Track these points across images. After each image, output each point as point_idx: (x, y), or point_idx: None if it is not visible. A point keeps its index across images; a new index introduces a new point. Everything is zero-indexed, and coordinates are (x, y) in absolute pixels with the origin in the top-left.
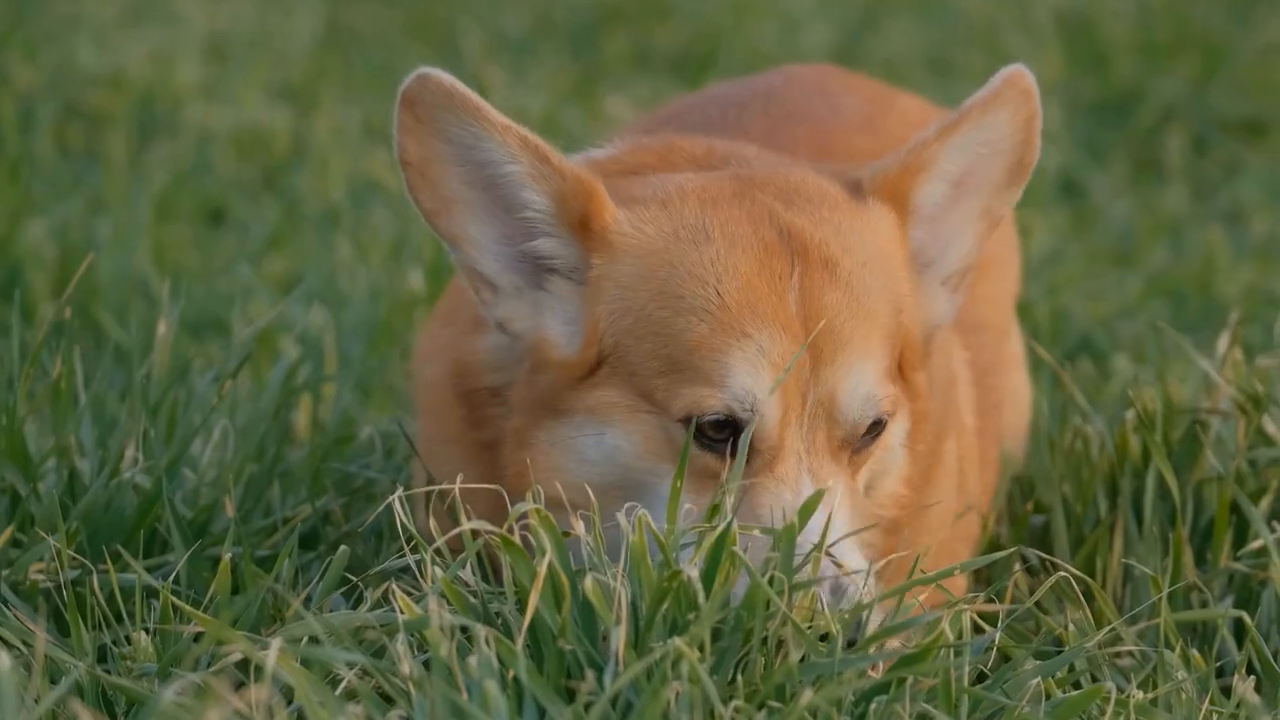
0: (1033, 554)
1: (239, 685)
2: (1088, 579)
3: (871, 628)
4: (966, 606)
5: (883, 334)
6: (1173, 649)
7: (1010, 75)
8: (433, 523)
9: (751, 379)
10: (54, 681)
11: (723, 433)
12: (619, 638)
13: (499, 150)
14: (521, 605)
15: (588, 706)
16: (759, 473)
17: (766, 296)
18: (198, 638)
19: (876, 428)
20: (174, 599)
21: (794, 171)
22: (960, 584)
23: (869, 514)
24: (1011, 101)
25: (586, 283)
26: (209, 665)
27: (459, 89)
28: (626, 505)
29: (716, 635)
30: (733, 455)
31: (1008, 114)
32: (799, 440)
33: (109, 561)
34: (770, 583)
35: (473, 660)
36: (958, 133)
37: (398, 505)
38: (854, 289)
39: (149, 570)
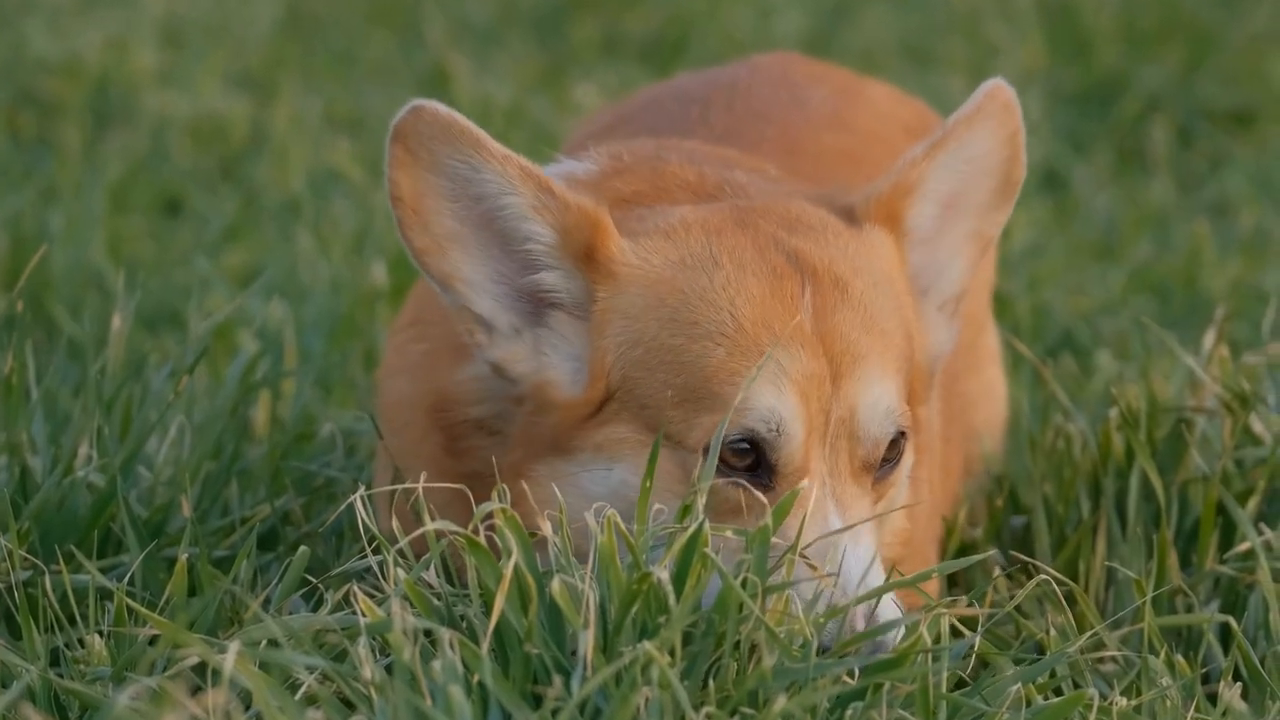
0: (1013, 556)
1: (195, 690)
2: (1069, 582)
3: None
4: (945, 610)
5: (896, 353)
6: (1157, 654)
7: (991, 90)
8: (395, 523)
9: (774, 398)
10: (5, 686)
11: (745, 460)
12: (587, 641)
13: (498, 181)
14: (487, 608)
15: (555, 712)
16: (783, 496)
17: (781, 316)
18: (153, 641)
19: (895, 449)
20: (129, 601)
21: (792, 202)
22: (933, 586)
23: (882, 556)
24: (994, 116)
25: (591, 316)
26: (165, 669)
27: (458, 119)
28: (595, 505)
29: (688, 639)
30: (759, 485)
31: (991, 129)
32: (822, 462)
33: (62, 562)
34: (743, 585)
35: (436, 665)
36: (944, 150)
37: (359, 505)
38: (867, 307)
39: (103, 571)
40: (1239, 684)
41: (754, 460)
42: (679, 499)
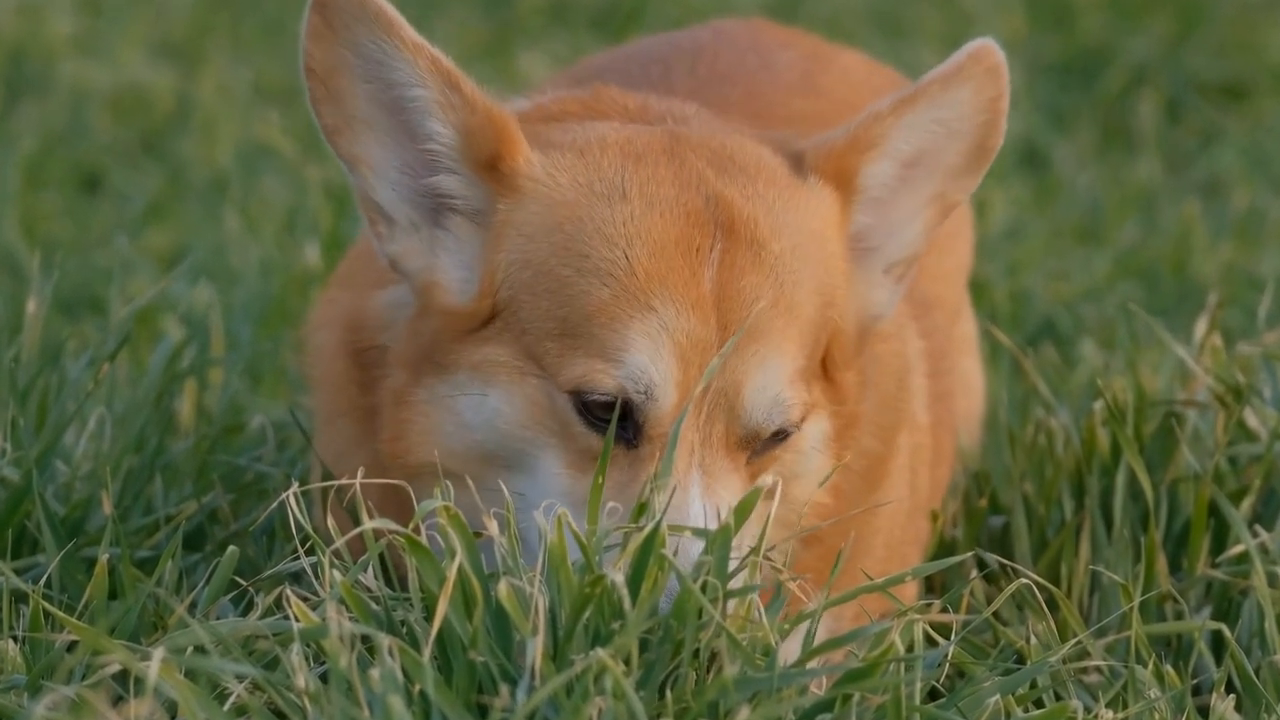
0: (991, 559)
1: (117, 700)
2: (1051, 587)
3: (816, 639)
4: (918, 616)
5: (803, 330)
6: (1145, 664)
7: (977, 50)
8: (331, 521)
9: (649, 357)
10: None
11: (611, 412)
12: (536, 648)
13: (408, 71)
14: (429, 612)
15: None
16: (647, 458)
17: (679, 269)
18: (72, 647)
19: (781, 435)
20: (45, 604)
21: (732, 137)
22: (910, 591)
23: (782, 521)
24: (975, 79)
25: (490, 228)
26: (84, 677)
27: None
28: (545, 504)
29: (644, 646)
30: (625, 441)
31: (970, 92)
32: (694, 430)
33: None
34: (703, 589)
35: (375, 673)
36: (914, 109)
37: (292, 502)
38: (779, 275)
39: (17, 572)
40: (1232, 696)
41: (622, 412)
42: (548, 433)
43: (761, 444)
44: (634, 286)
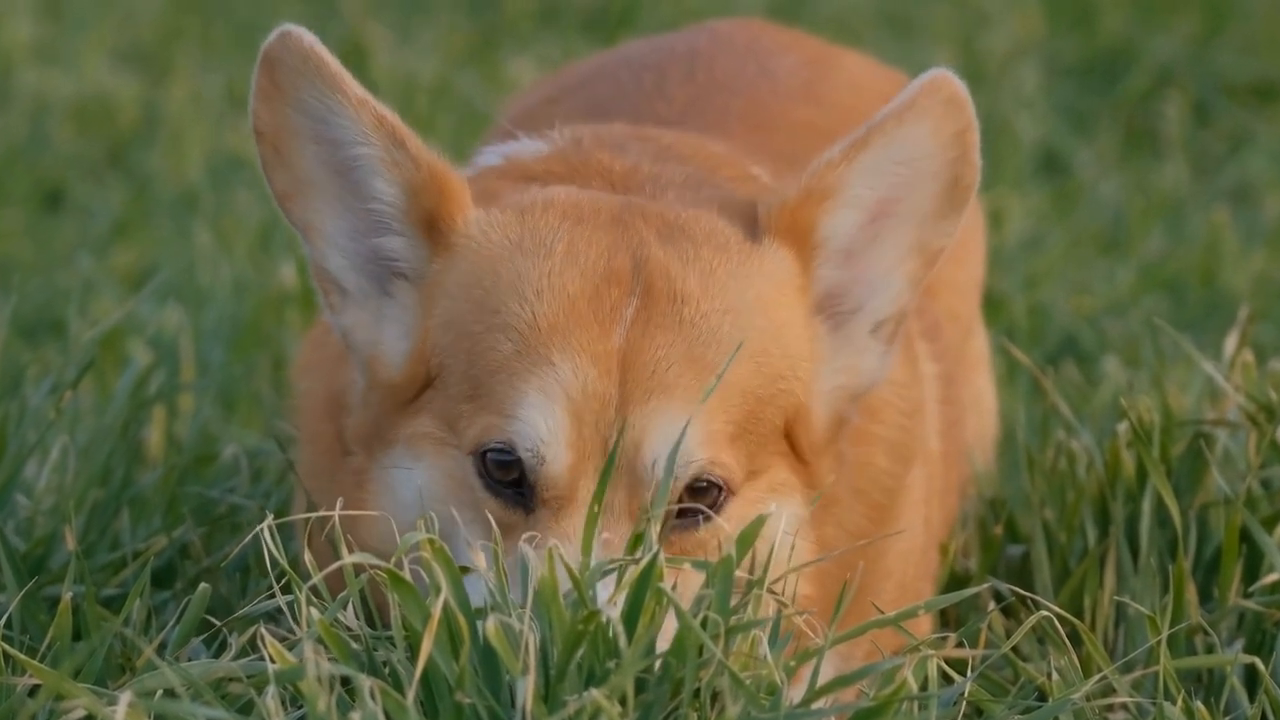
0: (1010, 590)
1: None
2: (1074, 619)
3: (824, 677)
4: (933, 652)
5: (729, 393)
6: (1174, 700)
7: (929, 82)
8: (308, 556)
9: (540, 414)
10: None
11: (510, 475)
12: (526, 689)
13: (352, 128)
14: (413, 652)
15: None
16: (542, 523)
17: (587, 324)
18: (34, 691)
19: (707, 499)
20: (5, 646)
21: (690, 211)
22: (924, 626)
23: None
24: (932, 113)
25: (423, 290)
26: None
27: (316, 52)
28: (531, 534)
29: (641, 686)
30: (523, 507)
31: (929, 129)
32: (593, 493)
33: None
34: (704, 625)
35: (356, 716)
36: (868, 151)
37: (267, 535)
38: (699, 333)
39: None
40: None
41: (520, 476)
42: (466, 507)
43: (680, 516)
44: (535, 340)
